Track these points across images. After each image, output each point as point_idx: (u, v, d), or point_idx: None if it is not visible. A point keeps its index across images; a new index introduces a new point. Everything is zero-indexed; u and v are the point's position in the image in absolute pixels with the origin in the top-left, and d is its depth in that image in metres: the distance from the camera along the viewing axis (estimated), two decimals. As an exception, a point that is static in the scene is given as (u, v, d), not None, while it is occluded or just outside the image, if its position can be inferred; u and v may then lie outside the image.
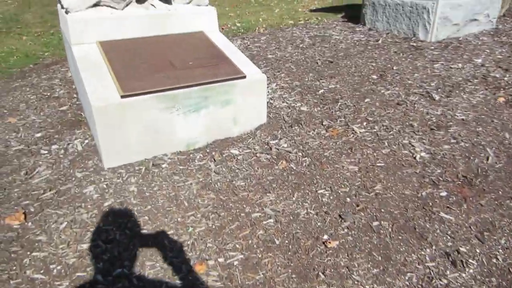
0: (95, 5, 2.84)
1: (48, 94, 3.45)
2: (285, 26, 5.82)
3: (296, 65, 3.97)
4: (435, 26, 4.52)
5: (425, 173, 2.27)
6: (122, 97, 2.28)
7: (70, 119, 2.98)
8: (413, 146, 2.56)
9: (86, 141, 2.64)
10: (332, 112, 3.04)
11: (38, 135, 2.74)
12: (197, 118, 2.58)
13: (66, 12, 2.76)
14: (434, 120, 2.84)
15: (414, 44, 4.48)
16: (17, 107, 3.22)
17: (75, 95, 3.39)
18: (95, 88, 2.35)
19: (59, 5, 3.31)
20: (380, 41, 4.58)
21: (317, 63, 3.99)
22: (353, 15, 6.24)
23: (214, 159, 2.46)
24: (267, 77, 3.72)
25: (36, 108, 3.17)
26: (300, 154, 2.50)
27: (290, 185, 2.19)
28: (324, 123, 2.87)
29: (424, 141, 2.59)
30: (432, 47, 4.36)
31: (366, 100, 3.18)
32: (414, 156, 2.43)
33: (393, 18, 4.84)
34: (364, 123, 2.86)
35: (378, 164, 2.36)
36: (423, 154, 2.45)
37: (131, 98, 2.31)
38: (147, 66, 2.59)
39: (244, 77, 2.68)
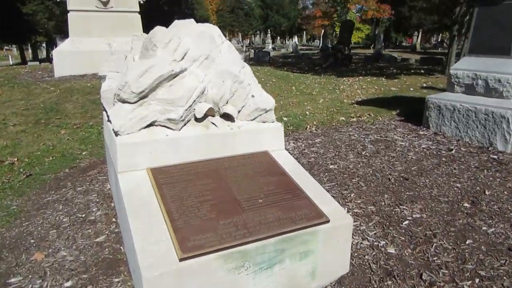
0: (150, 125, 2.43)
1: (83, 216, 2.98)
2: (338, 124, 5.40)
3: (365, 180, 3.43)
4: (516, 135, 3.98)
5: None
6: (181, 260, 1.75)
7: (107, 257, 2.46)
8: (558, 326, 1.88)
9: (127, 299, 2.08)
10: (428, 257, 2.42)
11: (68, 284, 2.20)
12: (269, 276, 2.01)
13: (116, 134, 2.36)
14: None
15: (495, 156, 3.91)
16: (46, 235, 2.74)
17: (114, 219, 2.91)
18: (145, 243, 1.84)
19: (104, 113, 2.96)
20: (453, 151, 4.04)
21: (389, 179, 3.44)
22: (409, 113, 5.82)
23: None
24: (333, 196, 3.19)
25: (68, 238, 2.68)
26: (407, 335, 1.85)
27: None
28: (423, 277, 2.24)
29: None
30: (517, 160, 3.78)
31: (467, 242, 2.55)
32: None
33: (463, 124, 4.35)
34: (477, 280, 2.22)
35: None
36: None
37: (191, 260, 1.78)
38: (209, 206, 2.09)
39: (328, 221, 2.14)
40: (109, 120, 2.64)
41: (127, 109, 2.40)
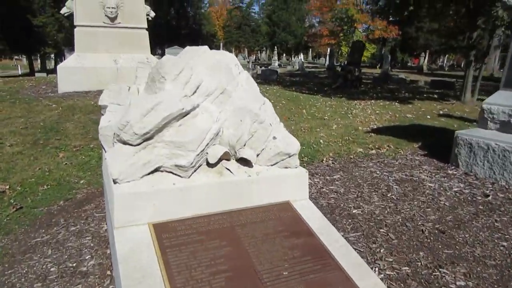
0: (154, 171, 2.06)
1: (74, 265, 2.59)
2: (356, 156, 5.02)
3: (395, 231, 3.03)
4: (559, 180, 3.57)
5: None
6: None
7: (98, 326, 2.06)
8: None
9: None
10: None
11: None
12: None
13: (114, 182, 1.99)
14: None
15: (538, 205, 3.50)
16: (30, 289, 2.35)
17: (108, 272, 2.52)
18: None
19: (104, 154, 2.59)
20: (490, 197, 3.63)
21: (422, 231, 3.04)
22: (432, 145, 5.44)
23: None
24: (360, 251, 2.79)
25: (54, 297, 2.28)
26: None
27: None
28: None
29: None
30: (563, 210, 3.37)
31: (528, 324, 2.13)
32: None
33: (499, 166, 3.94)
34: None
35: None
36: None
37: None
38: (223, 280, 1.71)
39: (368, 305, 1.74)
40: (104, 157, 2.28)
41: (128, 152, 2.03)
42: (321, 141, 5.93)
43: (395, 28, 40.68)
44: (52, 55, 32.48)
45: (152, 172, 2.07)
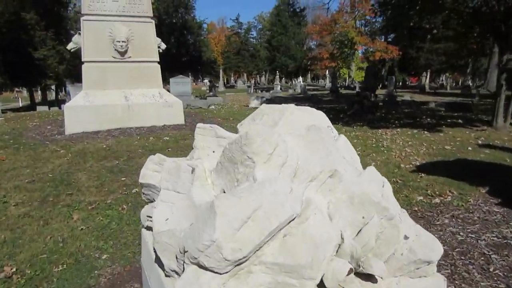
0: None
1: None
2: (421, 209, 4.29)
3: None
4: None
5: None
6: None
7: None
8: None
9: None
10: None
11: None
12: None
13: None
14: None
15: None
16: None
17: None
18: None
19: (152, 251, 1.86)
20: None
21: None
22: (502, 190, 4.71)
23: None
24: None
25: None
26: None
27: None
28: None
29: None
30: None
31: None
32: None
33: None
34: None
35: None
36: None
37: None
38: None
39: None
40: (165, 273, 1.58)
41: (212, 285, 1.32)
42: (367, 185, 5.20)
43: (395, 49, 40.75)
44: (53, 87, 32.06)
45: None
